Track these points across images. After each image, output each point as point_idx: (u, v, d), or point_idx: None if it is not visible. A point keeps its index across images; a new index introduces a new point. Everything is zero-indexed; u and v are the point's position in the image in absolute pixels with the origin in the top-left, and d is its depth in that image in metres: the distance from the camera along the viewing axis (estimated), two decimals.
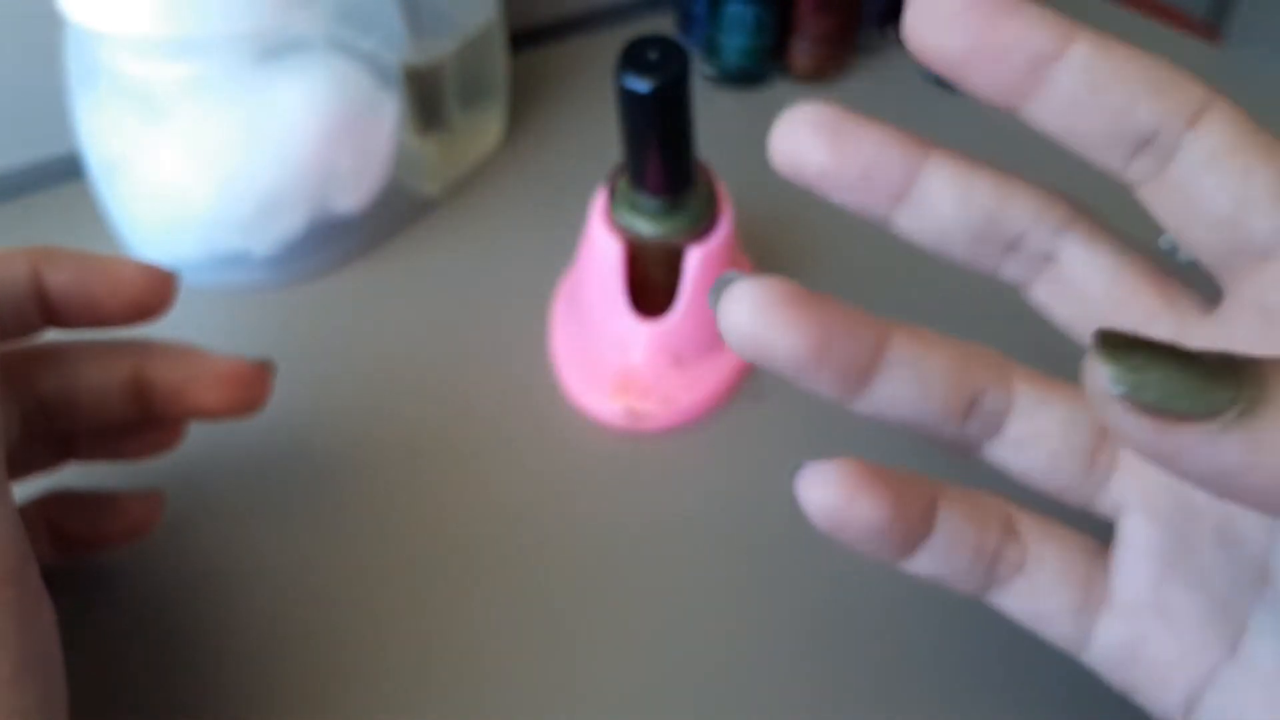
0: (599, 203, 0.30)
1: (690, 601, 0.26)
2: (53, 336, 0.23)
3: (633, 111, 0.27)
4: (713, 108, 0.43)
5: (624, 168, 0.29)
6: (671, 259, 0.30)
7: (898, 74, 0.45)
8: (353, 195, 0.34)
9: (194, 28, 0.29)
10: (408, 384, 0.31)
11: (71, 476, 0.25)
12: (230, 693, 0.24)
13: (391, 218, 0.37)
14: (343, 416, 0.30)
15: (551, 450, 0.30)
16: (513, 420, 0.30)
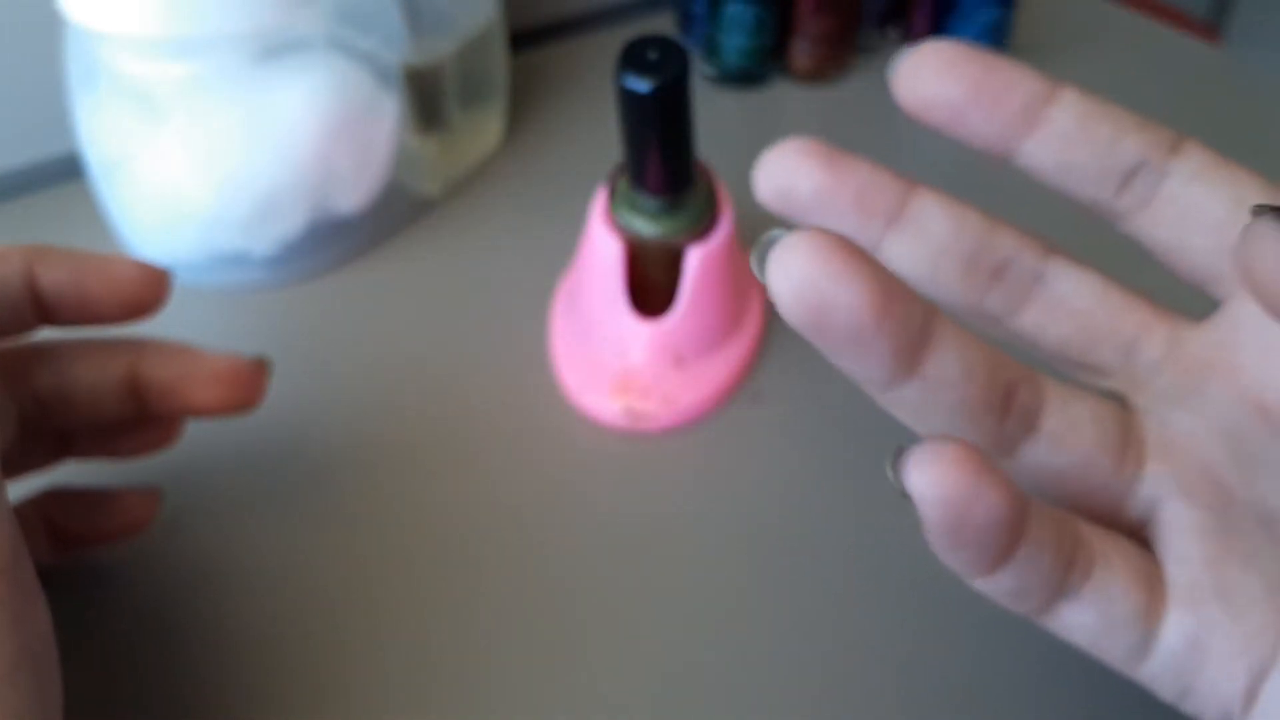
0: (599, 203, 0.30)
1: (690, 601, 0.26)
2: (48, 335, 0.23)
3: (633, 111, 0.27)
4: (713, 108, 0.43)
5: (624, 168, 0.29)
6: (671, 259, 0.30)
7: None
8: (353, 195, 0.34)
9: (194, 28, 0.29)
10: (407, 384, 0.31)
11: (69, 474, 0.25)
12: (228, 690, 0.24)
13: (391, 218, 0.37)
14: (342, 416, 0.30)
15: (551, 450, 0.30)
16: (513, 420, 0.30)
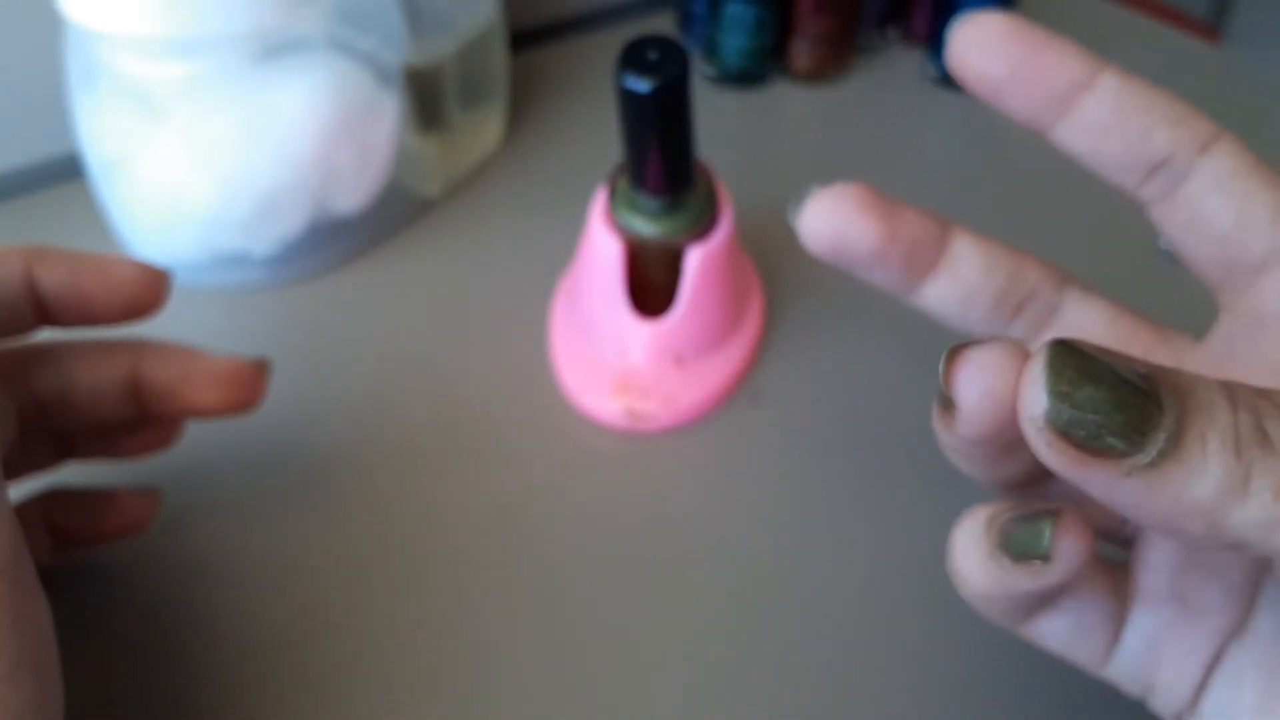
0: (599, 203, 0.30)
1: (690, 601, 0.26)
2: (49, 336, 0.23)
3: (633, 111, 0.27)
4: (713, 108, 0.43)
5: (624, 168, 0.29)
6: (671, 259, 0.30)
7: (897, 74, 0.45)
8: (353, 195, 0.34)
9: (194, 28, 0.29)
10: (407, 384, 0.31)
11: (69, 475, 0.25)
12: (227, 690, 0.24)
13: (391, 218, 0.37)
14: (342, 416, 0.30)
15: (551, 450, 0.30)
16: (512, 420, 0.30)
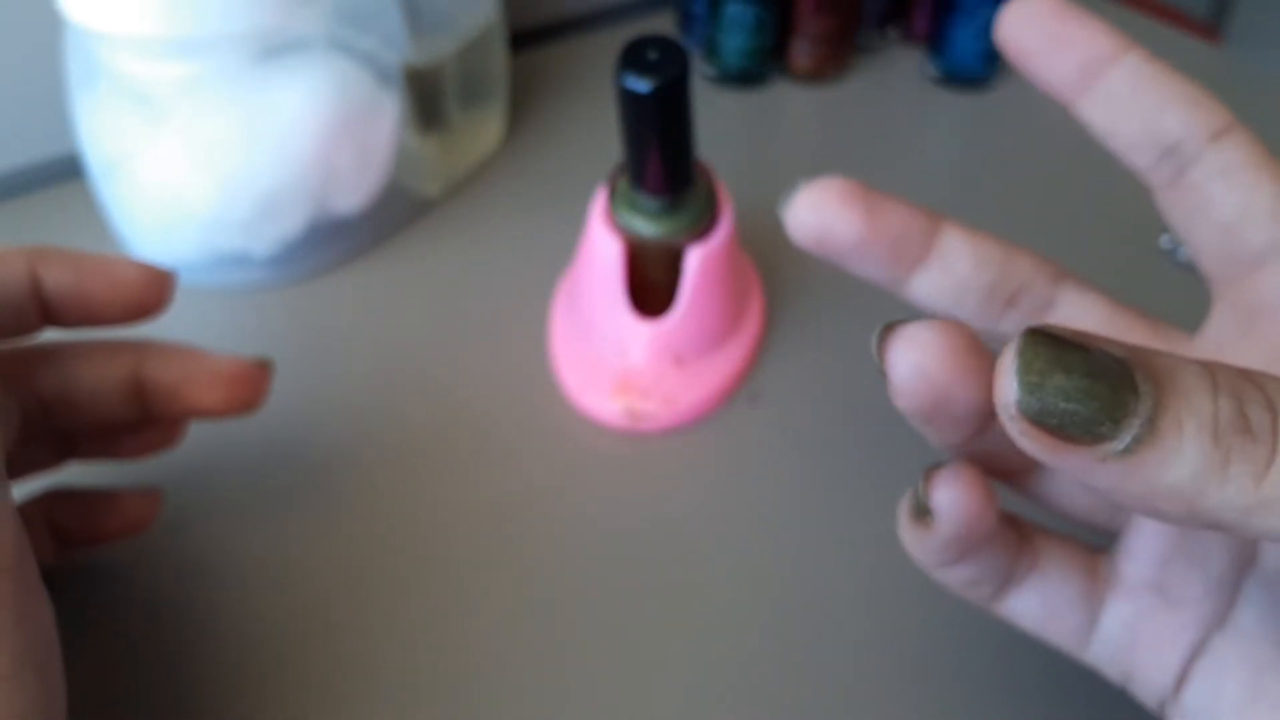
0: (599, 203, 0.30)
1: (690, 601, 0.26)
2: (52, 336, 0.23)
3: (633, 111, 0.27)
4: (713, 108, 0.43)
5: (624, 168, 0.29)
6: (671, 259, 0.30)
7: (897, 74, 0.45)
8: (353, 195, 0.34)
9: (194, 28, 0.29)
10: (407, 384, 0.32)
11: (70, 475, 0.25)
12: (229, 689, 0.24)
13: (391, 218, 0.37)
14: (342, 416, 0.30)
15: (551, 450, 0.30)
16: (513, 420, 0.30)
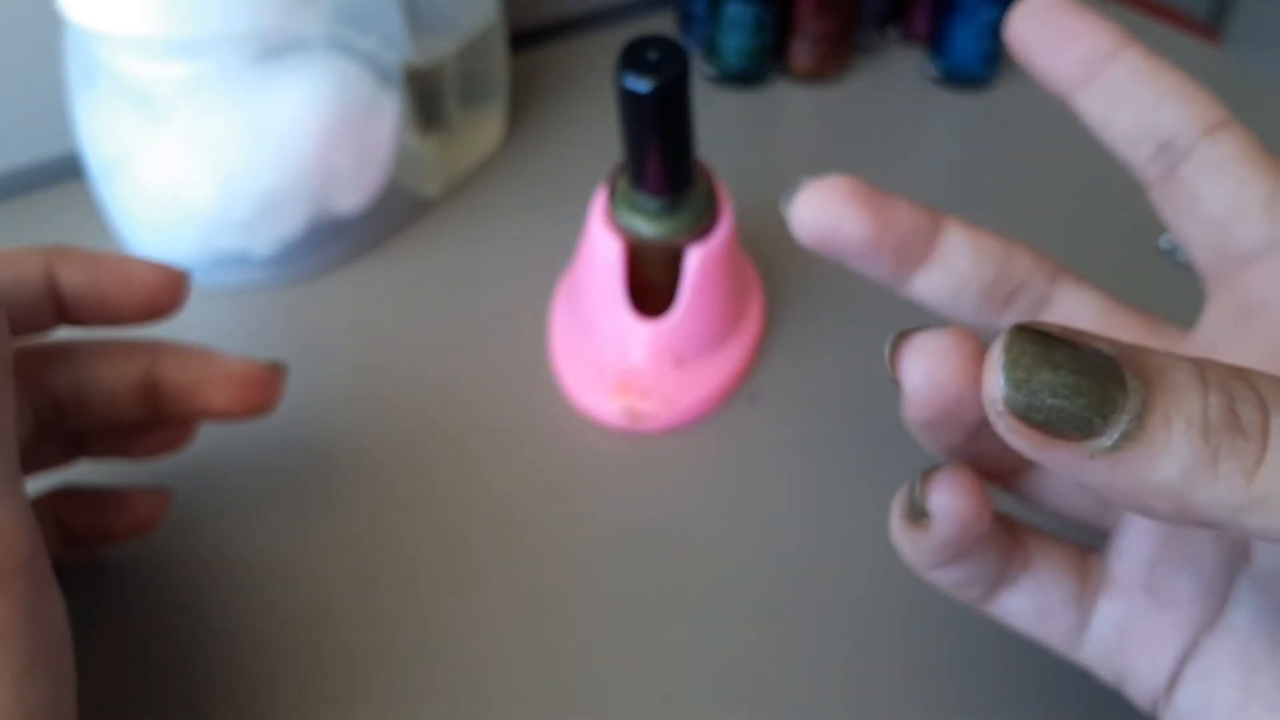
0: (599, 202, 0.30)
1: (690, 600, 0.26)
2: (66, 335, 0.23)
3: (633, 111, 0.27)
4: (713, 108, 0.43)
5: (624, 168, 0.29)
6: (671, 259, 0.30)
7: (897, 74, 0.45)
8: (353, 195, 0.34)
9: (194, 28, 0.29)
10: (408, 384, 0.32)
11: (78, 473, 0.25)
12: (237, 687, 0.24)
13: (391, 218, 0.37)
14: (343, 416, 0.30)
15: (551, 450, 0.30)
16: (513, 420, 0.30)
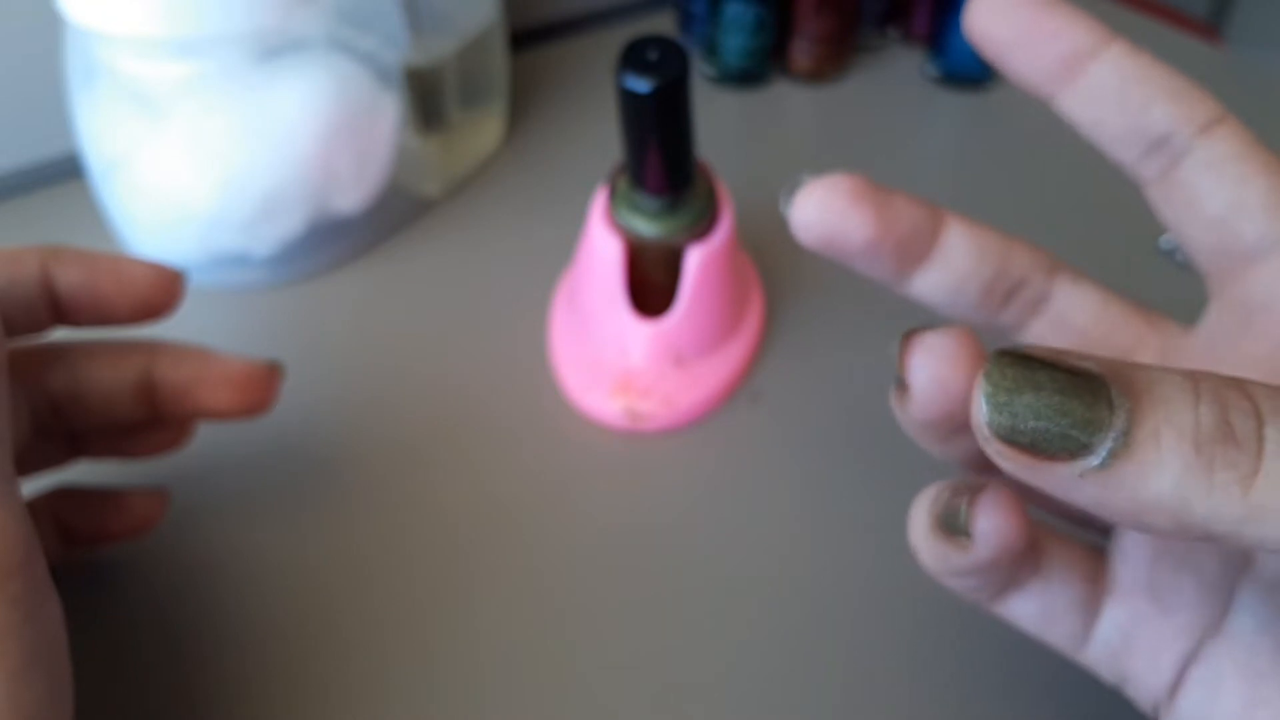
0: (599, 202, 0.30)
1: (690, 600, 0.26)
2: (63, 335, 0.23)
3: (633, 111, 0.27)
4: (713, 108, 0.43)
5: (624, 167, 0.29)
6: (671, 259, 0.30)
7: (897, 74, 0.45)
8: (353, 195, 0.34)
9: (194, 28, 0.29)
10: (408, 384, 0.32)
11: (76, 474, 0.25)
12: (235, 688, 0.24)
13: (391, 218, 0.37)
14: (343, 416, 0.30)
15: (551, 450, 0.30)
16: (513, 420, 0.30)
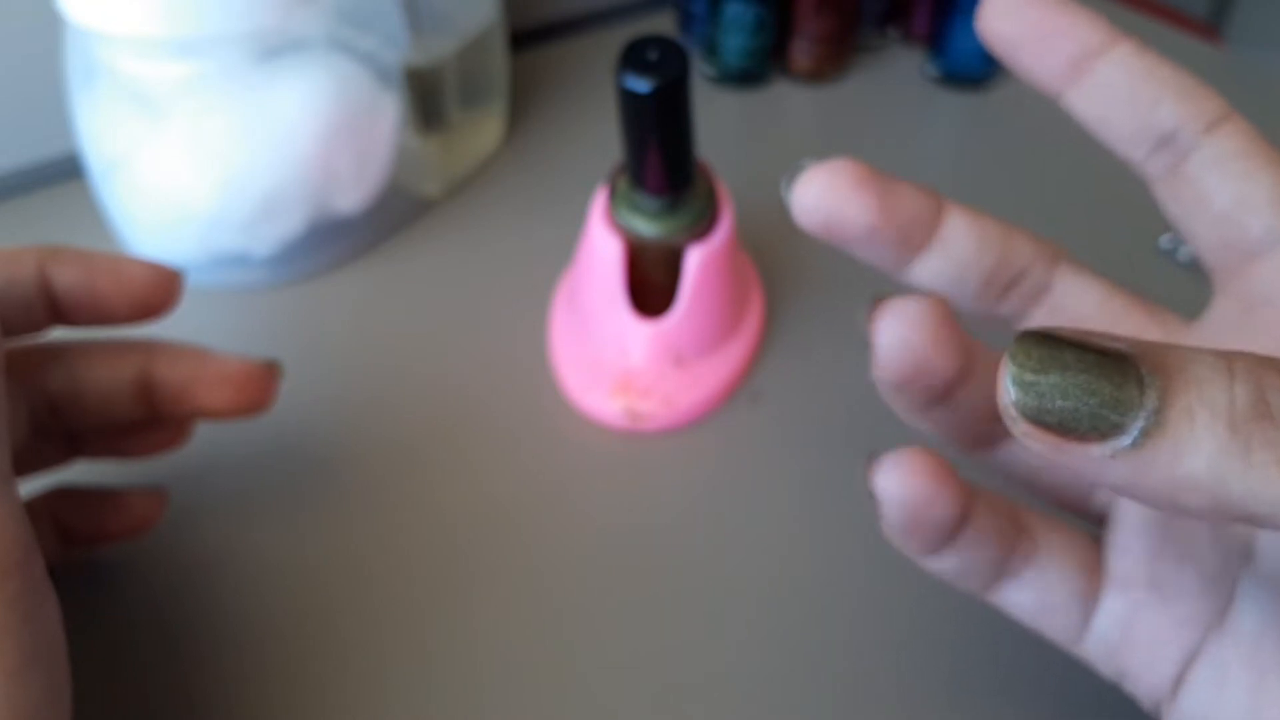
0: (599, 202, 0.30)
1: (690, 601, 0.26)
2: (61, 335, 0.23)
3: (633, 111, 0.27)
4: (713, 108, 0.43)
5: (624, 167, 0.29)
6: (671, 259, 0.30)
7: (897, 74, 0.45)
8: (353, 195, 0.34)
9: (194, 28, 0.29)
10: (408, 384, 0.32)
11: (74, 474, 0.25)
12: (234, 688, 0.24)
13: (391, 218, 0.37)
14: (343, 416, 0.30)
15: (551, 450, 0.30)
16: (513, 420, 0.30)
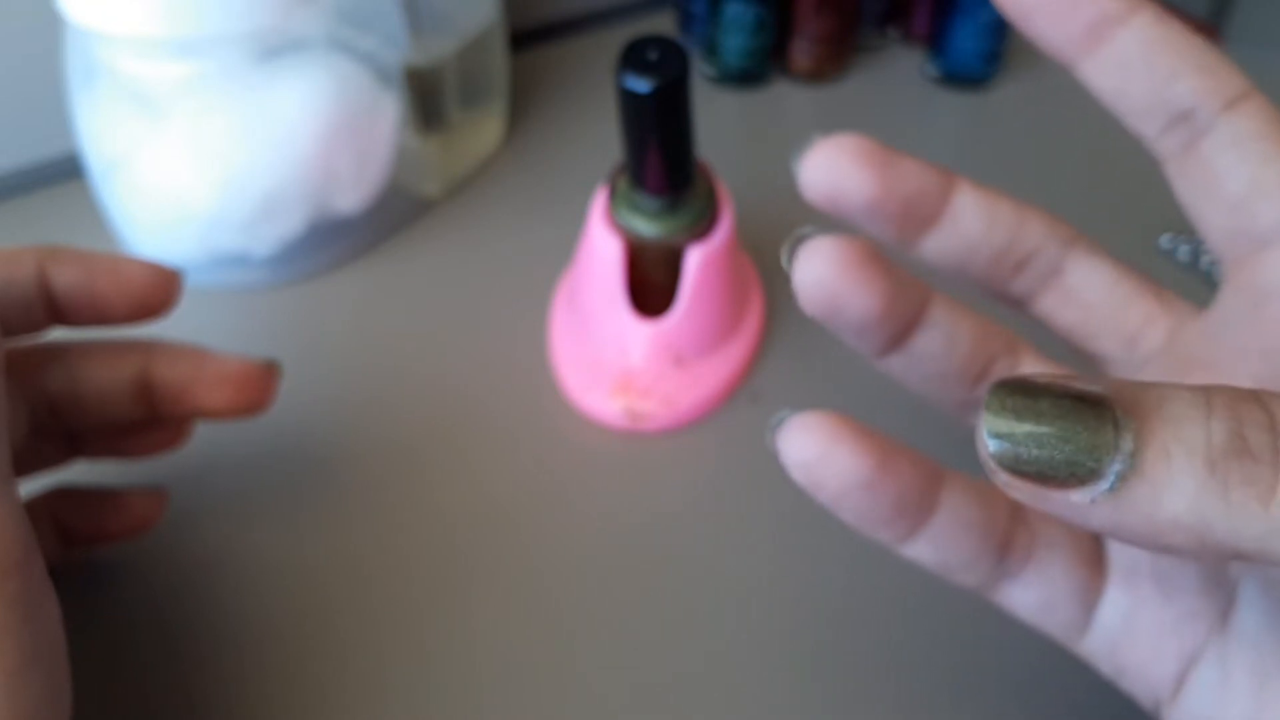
0: (599, 202, 0.30)
1: (690, 601, 0.26)
2: (60, 335, 0.23)
3: (633, 111, 0.27)
4: (713, 108, 0.43)
5: (624, 167, 0.29)
6: (671, 259, 0.30)
7: (897, 74, 0.45)
8: (353, 195, 0.34)
9: (194, 28, 0.29)
10: (408, 384, 0.32)
11: (75, 474, 0.25)
12: (234, 688, 0.24)
13: (391, 218, 0.37)
14: (343, 416, 0.30)
15: (551, 450, 0.30)
16: (513, 420, 0.30)
